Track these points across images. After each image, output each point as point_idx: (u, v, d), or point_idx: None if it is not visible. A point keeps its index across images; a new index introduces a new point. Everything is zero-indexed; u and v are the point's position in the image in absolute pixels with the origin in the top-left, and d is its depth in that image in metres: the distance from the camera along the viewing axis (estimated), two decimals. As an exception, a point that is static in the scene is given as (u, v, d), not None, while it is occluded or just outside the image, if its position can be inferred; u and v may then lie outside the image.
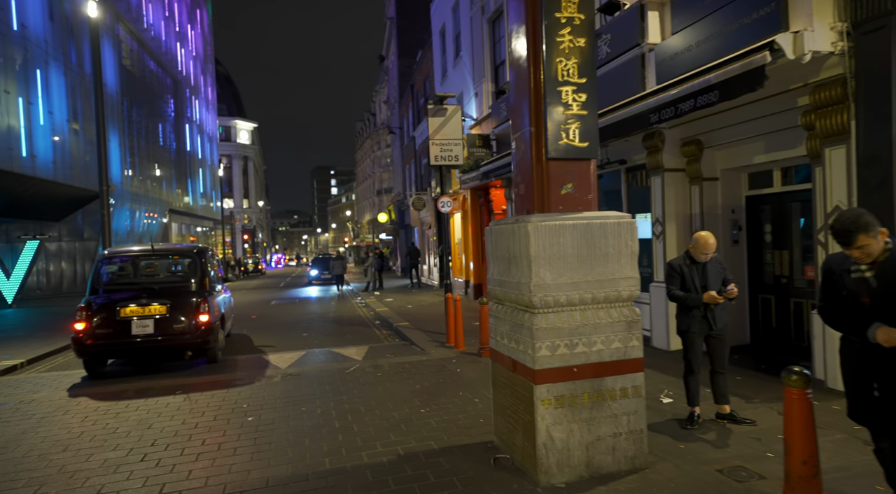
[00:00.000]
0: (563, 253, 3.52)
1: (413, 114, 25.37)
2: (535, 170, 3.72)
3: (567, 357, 3.50)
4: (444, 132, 9.19)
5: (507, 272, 3.86)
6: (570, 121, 3.67)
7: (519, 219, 3.68)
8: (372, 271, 20.22)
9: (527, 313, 3.60)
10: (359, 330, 11.13)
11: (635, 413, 3.61)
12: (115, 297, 7.16)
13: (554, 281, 3.50)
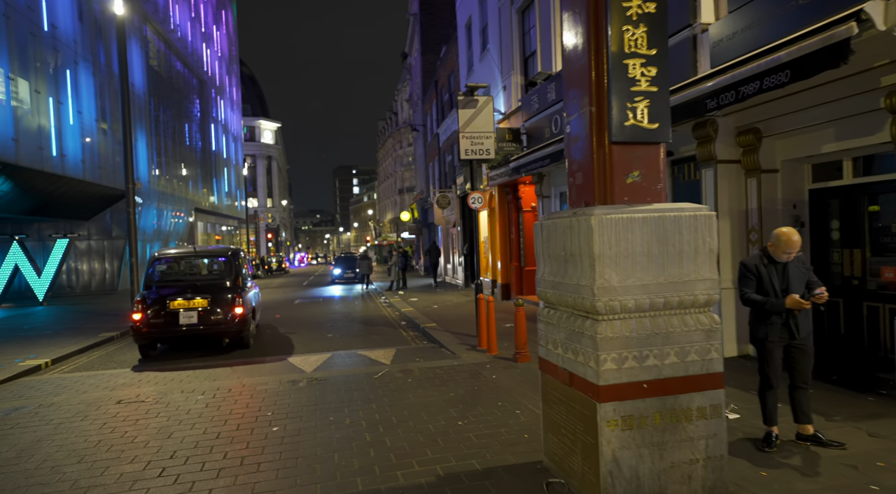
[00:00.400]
0: (632, 250, 3.05)
1: (437, 111, 24.98)
2: (595, 156, 3.26)
3: (636, 371, 3.03)
4: (475, 124, 8.74)
5: (562, 272, 3.41)
6: (638, 99, 3.20)
7: (577, 212, 3.23)
8: (396, 270, 19.91)
9: (588, 320, 3.14)
10: (385, 331, 10.78)
11: (714, 436, 3.12)
12: (164, 292, 8.35)
13: (621, 284, 3.03)
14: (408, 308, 13.76)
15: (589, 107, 3.28)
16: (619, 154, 3.22)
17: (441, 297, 16.32)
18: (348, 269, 26.75)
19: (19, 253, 18.38)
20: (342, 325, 11.78)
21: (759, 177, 6.57)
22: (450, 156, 22.09)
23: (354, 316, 13.34)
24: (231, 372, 7.20)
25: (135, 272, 14.24)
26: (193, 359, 8.28)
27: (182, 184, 31.01)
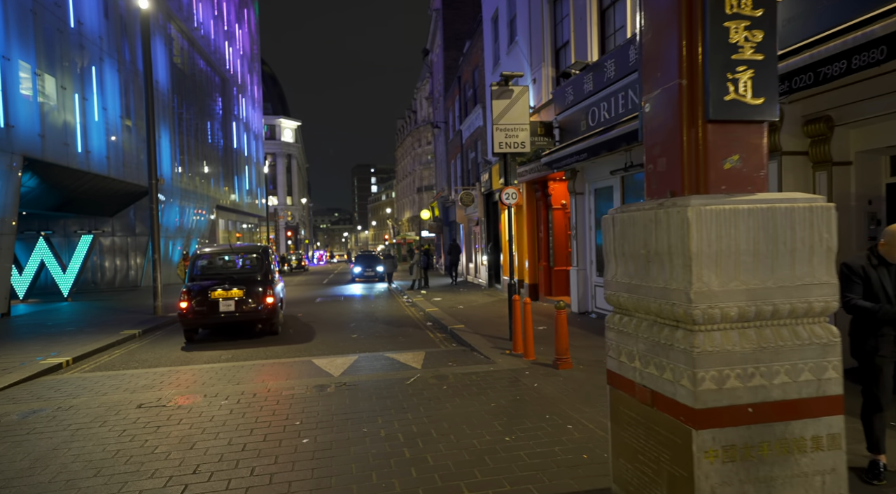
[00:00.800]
0: (735, 248, 2.57)
1: (459, 108, 24.52)
2: (685, 137, 2.77)
3: (739, 392, 2.54)
4: (510, 116, 8.28)
5: (642, 274, 2.93)
6: (741, 69, 2.70)
7: (665, 204, 2.75)
8: (418, 269, 19.52)
9: (679, 330, 2.66)
10: (411, 332, 10.38)
11: (833, 471, 2.62)
12: (206, 284, 9.50)
13: (722, 288, 2.55)
14: (432, 308, 13.35)
15: (678, 80, 2.80)
16: (715, 134, 2.73)
17: (465, 297, 15.88)
18: (368, 268, 26.48)
19: (45, 249, 18.48)
20: (366, 325, 11.42)
21: (829, 170, 5.98)
22: (473, 152, 21.62)
23: (378, 316, 12.98)
24: (255, 375, 6.86)
25: (157, 268, 14.11)
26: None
27: (204, 182, 31.13)
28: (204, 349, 9.10)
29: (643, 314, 2.97)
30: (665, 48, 2.89)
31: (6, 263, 14.72)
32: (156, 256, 13.91)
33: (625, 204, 9.52)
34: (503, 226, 17.23)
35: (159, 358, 8.36)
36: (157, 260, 13.93)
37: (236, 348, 9.05)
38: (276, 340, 9.72)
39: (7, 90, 14.32)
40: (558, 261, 13.17)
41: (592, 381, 5.87)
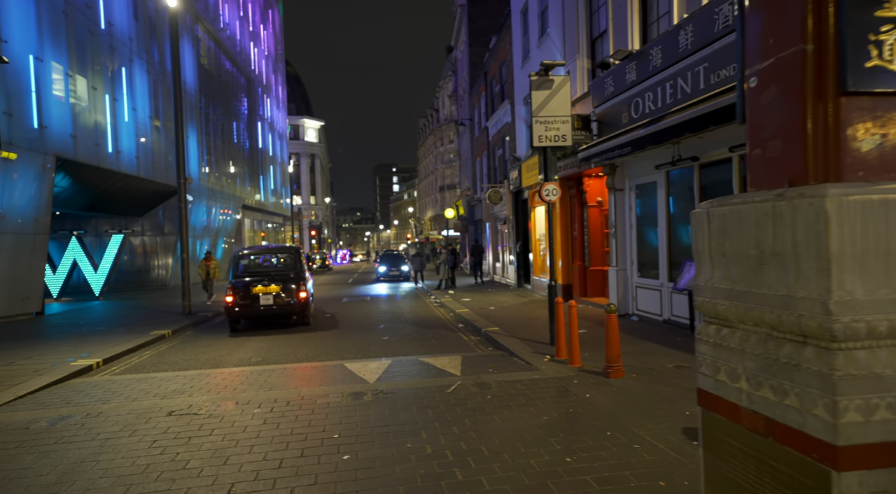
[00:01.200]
0: (885, 248, 2.09)
1: (485, 104, 24.06)
2: (810, 113, 2.30)
3: (891, 425, 2.07)
4: (550, 107, 7.81)
5: (751, 278, 2.47)
6: (887, 28, 2.22)
7: (787, 194, 2.28)
8: (445, 268, 19.16)
9: (809, 347, 2.19)
10: (443, 334, 10.00)
11: None
12: (248, 281, 10.71)
13: (869, 297, 2.08)
14: (462, 308, 12.95)
15: (801, 45, 2.33)
16: (851, 109, 2.25)
17: (494, 298, 15.44)
18: (393, 267, 26.24)
19: (77, 249, 18.72)
20: (396, 327, 11.09)
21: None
22: (500, 149, 21.14)
23: (407, 317, 12.64)
24: (287, 380, 6.57)
25: (186, 268, 14.06)
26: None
27: (230, 182, 31.36)
28: (234, 351, 8.89)
29: (751, 326, 2.51)
30: (780, 8, 2.42)
31: (40, 262, 14.89)
32: (184, 255, 13.85)
33: (675, 200, 9.02)
34: (533, 224, 16.73)
35: (189, 360, 8.16)
36: (185, 260, 13.87)
37: (267, 351, 8.81)
38: (307, 343, 9.47)
39: (40, 91, 14.45)
40: (594, 261, 12.63)
41: (650, 392, 5.38)
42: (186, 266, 13.90)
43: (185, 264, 13.91)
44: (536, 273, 16.58)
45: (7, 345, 9.36)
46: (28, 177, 13.96)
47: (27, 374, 7.01)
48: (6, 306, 13.67)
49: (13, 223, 13.68)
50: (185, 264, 13.91)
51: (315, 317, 12.85)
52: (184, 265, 13.92)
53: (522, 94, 17.15)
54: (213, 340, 10.06)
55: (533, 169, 15.35)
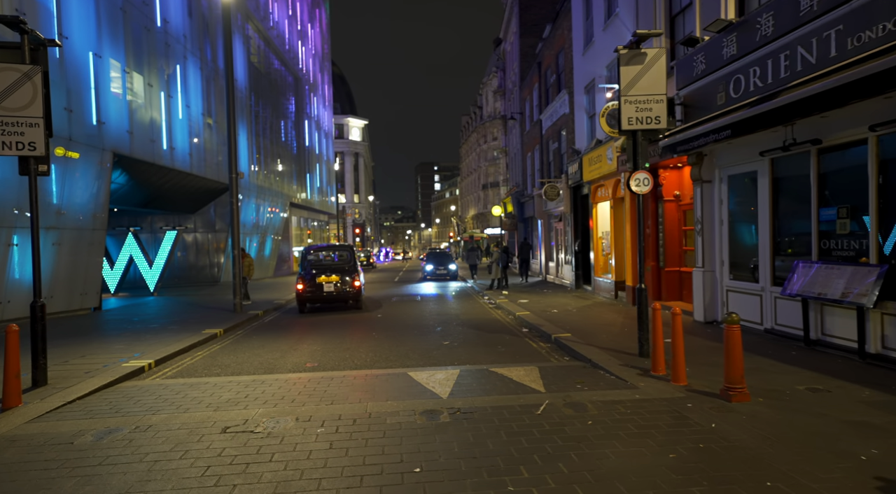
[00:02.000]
0: None
1: (538, 96, 22.99)
2: None
3: None
4: (642, 85, 6.81)
5: None
6: None
7: None
8: (497, 267, 18.28)
9: None
10: (508, 340, 9.15)
11: None
12: (314, 272, 13.38)
13: None
14: (522, 311, 12.06)
15: None
16: None
17: (553, 299, 14.43)
18: (440, 266, 25.56)
19: (133, 245, 19.00)
20: (455, 330, 10.32)
21: None
22: (555, 143, 20.04)
23: (463, 319, 11.86)
24: (349, 390, 5.91)
25: (237, 265, 13.80)
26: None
27: (279, 180, 31.56)
28: (288, 354, 8.36)
29: None
30: None
31: (97, 258, 15.02)
32: (236, 252, 13.59)
33: (783, 192, 7.82)
34: (594, 221, 15.61)
35: (242, 364, 7.67)
36: (237, 257, 13.61)
37: (323, 354, 8.23)
38: (363, 346, 8.85)
39: (99, 87, 14.54)
40: (669, 261, 11.46)
41: (792, 424, 4.36)
42: (238, 262, 13.64)
43: (236, 261, 13.66)
44: (598, 273, 15.46)
45: (64, 342, 9.20)
46: (87, 173, 14.06)
47: (79, 375, 6.65)
48: (65, 301, 13.81)
49: (72, 219, 13.80)
50: (236, 261, 13.66)
51: (368, 318, 12.29)
52: (235, 262, 13.66)
53: (583, 83, 16.05)
54: (265, 341, 9.60)
55: (596, 162, 14.26)
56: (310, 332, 10.47)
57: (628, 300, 12.49)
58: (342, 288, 13.27)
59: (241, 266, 13.70)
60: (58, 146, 12.91)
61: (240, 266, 13.67)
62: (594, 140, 14.84)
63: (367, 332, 10.27)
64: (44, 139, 6.05)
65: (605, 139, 13.99)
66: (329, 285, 13.21)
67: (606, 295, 14.37)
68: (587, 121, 16.09)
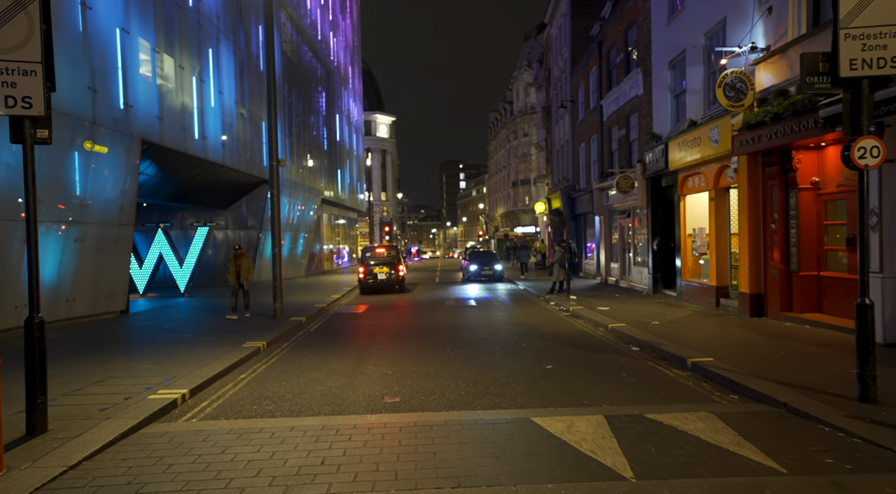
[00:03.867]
0: None
1: (597, 81, 20.88)
2: None
3: None
4: (874, 12, 4.79)
5: None
6: None
7: None
8: (559, 269, 16.29)
9: None
10: (623, 363, 7.21)
11: None
12: (372, 264, 18.35)
13: None
14: (613, 322, 10.08)
15: None
16: None
17: (637, 307, 12.38)
18: (485, 266, 23.65)
19: (163, 242, 17.64)
20: (545, 346, 8.43)
21: None
22: (622, 130, 17.92)
23: (545, 332, 9.94)
24: (462, 449, 4.09)
25: (278, 264, 12.17)
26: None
27: (310, 175, 30.09)
28: (354, 378, 6.60)
29: None
30: None
31: (125, 256, 13.60)
32: (276, 250, 11.96)
33: None
34: (682, 216, 13.49)
35: (299, 395, 5.93)
36: (277, 255, 11.98)
37: (397, 380, 6.44)
38: (445, 368, 7.04)
39: (126, 67, 13.08)
40: (804, 264, 9.31)
41: None
42: (278, 262, 12.01)
43: (275, 260, 12.03)
44: (686, 276, 13.34)
45: (81, 358, 7.65)
46: (112, 161, 12.62)
47: (91, 414, 5.00)
48: (89, 304, 12.39)
49: (97, 212, 12.36)
50: (275, 260, 12.03)
51: (432, 329, 10.50)
52: (274, 261, 12.04)
53: (667, 58, 13.93)
54: (319, 358, 7.88)
55: (690, 146, 12.16)
56: (369, 346, 8.72)
57: (743, 310, 10.38)
58: (391, 276, 18.26)
59: (281, 267, 12.07)
60: (81, 132, 11.47)
61: (280, 267, 12.03)
62: (685, 121, 12.74)
63: (438, 348, 8.45)
64: (42, 93, 4.38)
65: (703, 119, 11.88)
66: (381, 274, 18.18)
67: (701, 302, 12.26)
68: (672, 102, 13.97)
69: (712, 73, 11.79)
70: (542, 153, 50.64)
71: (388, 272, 18.07)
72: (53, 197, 11.13)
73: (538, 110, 50.23)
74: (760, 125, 8.97)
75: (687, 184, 13.12)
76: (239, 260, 12.07)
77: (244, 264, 12.02)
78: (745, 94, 9.41)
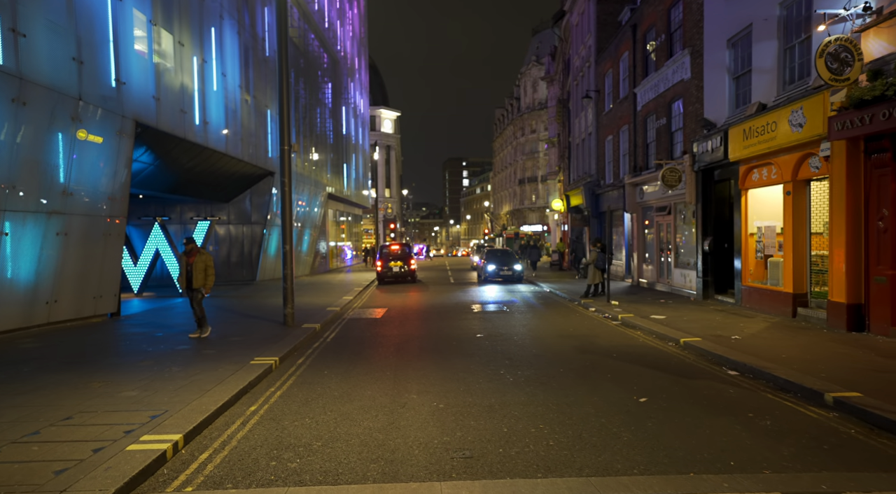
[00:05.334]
0: None
1: (628, 67, 19.37)
2: None
3: None
4: None
5: None
6: None
7: None
8: (594, 270, 14.80)
9: None
10: (732, 395, 5.72)
11: None
12: (387, 259, 21.73)
13: None
14: (682, 334, 8.60)
15: None
16: None
17: (695, 314, 10.89)
18: (504, 266, 22.18)
19: (160, 237, 16.13)
20: (615, 368, 6.94)
21: None
22: (662, 118, 16.41)
23: (604, 346, 8.44)
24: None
25: (288, 264, 10.68)
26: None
27: (316, 169, 28.56)
28: (398, 414, 5.13)
29: None
30: None
31: (116, 252, 12.09)
32: (287, 247, 10.46)
33: None
34: (743, 212, 11.98)
35: (331, 442, 4.45)
36: (288, 253, 10.48)
37: (455, 419, 4.97)
38: (514, 404, 5.58)
39: (118, 39, 11.56)
40: (919, 269, 7.80)
41: None
42: (289, 260, 10.51)
43: (286, 259, 10.53)
44: (747, 280, 11.84)
45: (52, 379, 6.18)
46: (102, 145, 11.11)
47: (39, 482, 3.49)
48: (74, 306, 10.90)
49: (83, 202, 10.86)
50: (286, 259, 10.53)
51: (473, 343, 9.02)
52: (285, 260, 10.54)
53: (726, 35, 12.41)
54: (346, 381, 6.39)
55: (756, 134, 10.67)
56: (404, 365, 7.23)
57: (835, 323, 8.87)
58: (406, 269, 21.54)
59: (292, 267, 10.56)
60: (64, 110, 9.96)
61: (291, 266, 10.52)
62: (752, 105, 11.22)
63: (489, 368, 6.97)
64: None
65: (777, 101, 10.37)
66: (396, 267, 21.48)
67: (770, 311, 10.77)
68: (731, 85, 12.45)
69: (789, 48, 10.28)
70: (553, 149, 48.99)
71: (401, 266, 21.44)
72: (31, 183, 9.63)
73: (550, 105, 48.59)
74: (876, 102, 7.46)
75: (751, 177, 11.61)
76: (191, 257, 9.07)
77: (198, 263, 9.02)
78: (851, 66, 7.90)
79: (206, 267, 9.11)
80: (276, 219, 22.35)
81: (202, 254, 9.15)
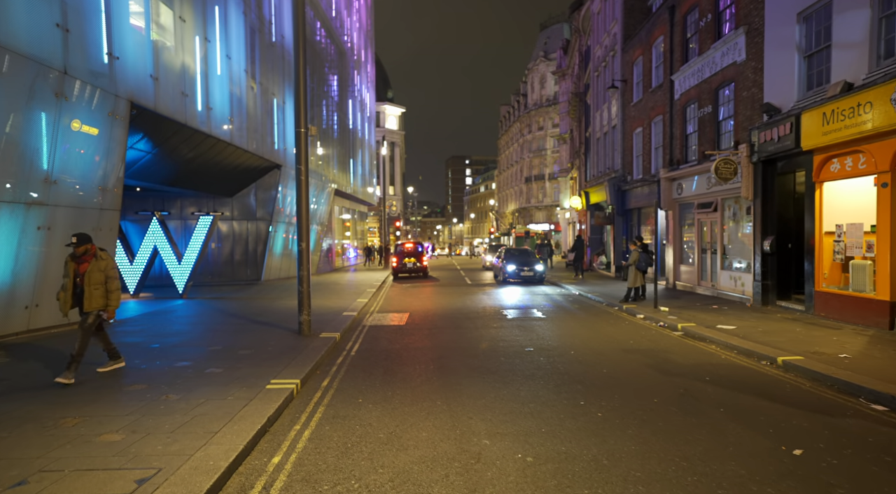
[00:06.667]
0: None
1: (663, 53, 17.99)
2: None
3: None
4: None
5: None
6: None
7: None
8: (635, 272, 13.43)
9: None
10: None
11: None
12: (402, 256, 24.05)
13: None
14: (777, 352, 7.24)
15: None
16: None
17: (767, 325, 9.52)
18: (525, 266, 20.83)
19: (159, 233, 14.75)
20: (719, 399, 5.59)
21: None
22: (707, 106, 15.03)
23: (682, 365, 7.08)
24: None
25: (304, 264, 9.28)
26: None
27: (323, 163, 27.19)
28: (472, 463, 3.78)
29: None
30: None
31: (108, 249, 10.71)
32: (303, 244, 9.07)
33: None
34: (818, 209, 10.59)
35: None
36: (304, 251, 9.09)
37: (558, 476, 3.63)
38: (622, 455, 4.23)
39: (111, 11, 10.18)
40: None
41: None
42: (305, 260, 9.13)
43: (302, 258, 9.15)
44: (821, 285, 10.46)
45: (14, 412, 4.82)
46: (92, 127, 9.74)
47: None
48: (58, 311, 9.53)
49: (69, 192, 9.50)
50: (302, 258, 9.15)
51: (519, 356, 7.66)
52: (301, 260, 9.16)
53: (797, 7, 11.01)
54: (390, 416, 5.02)
55: (840, 118, 9.30)
56: (453, 390, 5.86)
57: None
58: (419, 265, 23.70)
59: (308, 268, 9.17)
60: (45, 84, 8.58)
61: (307, 267, 9.14)
62: (835, 84, 9.82)
63: (563, 396, 5.59)
64: None
65: (869, 77, 8.98)
66: (409, 263, 23.55)
67: (857, 321, 9.40)
68: (801, 64, 11.06)
69: (886, 17, 8.89)
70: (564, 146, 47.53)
71: (414, 262, 23.68)
72: (6, 168, 8.26)
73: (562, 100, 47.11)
74: None
75: (828, 168, 10.22)
76: (84, 263, 5.91)
77: (92, 273, 5.85)
78: None
79: (106, 278, 5.90)
80: (282, 216, 20.98)
81: (100, 260, 5.91)
